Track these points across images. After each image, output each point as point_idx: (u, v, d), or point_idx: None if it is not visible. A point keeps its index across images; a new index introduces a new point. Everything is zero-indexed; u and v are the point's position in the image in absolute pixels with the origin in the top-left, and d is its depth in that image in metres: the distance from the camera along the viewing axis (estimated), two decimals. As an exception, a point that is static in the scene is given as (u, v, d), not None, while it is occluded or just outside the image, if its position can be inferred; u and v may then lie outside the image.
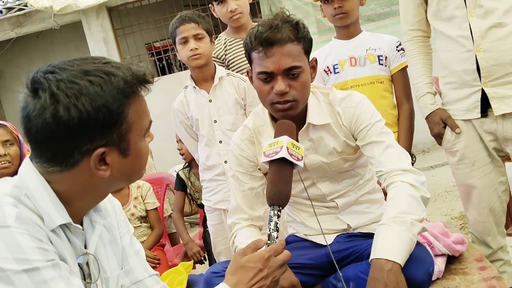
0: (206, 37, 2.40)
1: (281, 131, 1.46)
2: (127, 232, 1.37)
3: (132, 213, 3.05)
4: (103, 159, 1.08)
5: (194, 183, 3.27)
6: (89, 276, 1.19)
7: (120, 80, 1.06)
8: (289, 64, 1.55)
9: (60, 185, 1.10)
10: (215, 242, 2.62)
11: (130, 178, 1.19)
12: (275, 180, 1.37)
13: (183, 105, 2.53)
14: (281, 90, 1.56)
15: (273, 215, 1.32)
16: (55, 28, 7.60)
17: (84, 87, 1.03)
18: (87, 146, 1.05)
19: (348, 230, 1.79)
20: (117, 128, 1.07)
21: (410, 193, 1.52)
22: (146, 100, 1.16)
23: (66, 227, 1.12)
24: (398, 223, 1.45)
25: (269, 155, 1.40)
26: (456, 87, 2.10)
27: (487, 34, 1.95)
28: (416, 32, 2.25)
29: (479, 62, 1.98)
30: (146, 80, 1.12)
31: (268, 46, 1.54)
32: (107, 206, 1.30)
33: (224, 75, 2.49)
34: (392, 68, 2.43)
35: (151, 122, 1.17)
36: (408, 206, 1.49)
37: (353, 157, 1.73)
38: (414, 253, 1.46)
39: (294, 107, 1.61)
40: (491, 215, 2.16)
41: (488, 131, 2.07)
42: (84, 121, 1.02)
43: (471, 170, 2.14)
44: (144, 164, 1.20)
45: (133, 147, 1.12)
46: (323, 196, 1.77)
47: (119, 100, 1.06)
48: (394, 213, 1.48)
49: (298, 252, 1.75)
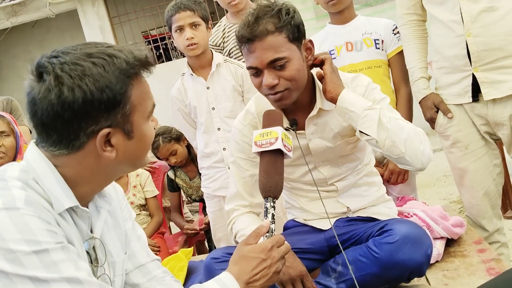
0: (202, 24, 2.39)
1: (271, 121, 1.45)
2: (130, 217, 1.39)
3: (131, 202, 3.06)
4: (109, 140, 1.10)
5: (185, 180, 3.28)
6: (96, 260, 1.20)
7: (122, 62, 1.08)
8: (271, 57, 1.54)
9: (67, 168, 1.11)
10: (215, 229, 2.63)
11: (134, 162, 1.20)
12: (270, 171, 1.37)
13: (181, 92, 2.52)
14: (268, 84, 1.56)
15: (269, 207, 1.32)
16: (51, 17, 7.55)
17: (87, 68, 1.05)
18: (93, 127, 1.07)
19: (348, 213, 1.80)
20: (121, 108, 1.08)
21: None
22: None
23: (73, 211, 1.13)
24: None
25: (262, 145, 1.39)
26: (448, 72, 2.11)
27: (477, 18, 1.94)
28: (411, 16, 2.24)
29: (469, 47, 1.97)
30: (148, 62, 1.14)
31: (249, 42, 1.54)
32: (111, 192, 1.31)
33: (221, 61, 2.48)
34: (389, 52, 2.42)
35: (154, 106, 1.19)
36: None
37: (355, 138, 1.73)
38: (411, 235, 1.48)
39: (287, 96, 1.60)
40: (486, 198, 2.17)
41: (479, 115, 2.07)
42: (89, 102, 1.04)
43: (464, 153, 2.15)
44: (148, 149, 1.21)
45: (137, 129, 1.13)
46: (324, 180, 1.77)
47: (122, 80, 1.08)
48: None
49: (298, 237, 1.77)
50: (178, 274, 2.00)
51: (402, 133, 1.56)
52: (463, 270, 1.74)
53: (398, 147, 1.56)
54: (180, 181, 3.29)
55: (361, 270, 1.54)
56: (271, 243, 1.24)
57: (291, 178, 1.81)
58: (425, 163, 1.60)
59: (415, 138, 1.58)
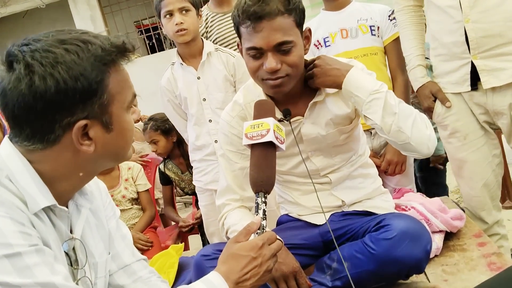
0: (192, 10, 2.31)
1: (262, 111, 1.38)
2: (113, 216, 1.32)
3: (123, 195, 2.99)
4: (86, 133, 1.03)
5: (177, 173, 3.21)
6: (76, 262, 1.14)
7: (97, 48, 1.02)
8: (279, 39, 1.46)
9: (43, 164, 1.04)
10: (208, 223, 2.57)
11: (116, 156, 1.13)
12: (262, 165, 1.29)
13: (171, 82, 2.44)
14: (271, 67, 1.48)
15: (260, 202, 1.24)
16: (41, 7, 7.43)
17: (60, 55, 0.98)
18: (68, 118, 1.00)
19: (343, 207, 1.73)
20: (97, 98, 1.02)
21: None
22: (132, 77, 1.11)
23: (51, 210, 1.06)
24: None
25: (253, 137, 1.31)
26: (446, 59, 2.04)
27: (476, 3, 1.87)
28: (408, 1, 2.17)
29: (467, 34, 1.90)
30: (126, 49, 1.07)
31: (257, 20, 1.45)
32: (93, 189, 1.24)
33: (212, 50, 2.40)
34: (385, 38, 2.34)
35: (135, 95, 1.12)
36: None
37: (349, 127, 1.67)
38: (410, 230, 1.41)
39: (287, 83, 1.54)
40: (485, 189, 2.11)
41: (478, 104, 2.01)
42: (62, 91, 0.98)
43: (463, 143, 2.09)
44: (129, 142, 1.14)
45: (116, 121, 1.07)
46: (316, 171, 1.71)
47: (98, 68, 1.01)
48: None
49: (292, 232, 1.71)
50: (168, 271, 1.93)
51: (409, 118, 1.51)
52: (463, 265, 1.68)
53: (404, 133, 1.50)
54: (171, 174, 3.23)
55: (357, 267, 1.47)
56: (261, 241, 1.17)
57: (282, 171, 1.74)
58: (431, 148, 1.54)
59: (421, 123, 1.53)
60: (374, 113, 1.52)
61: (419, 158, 1.60)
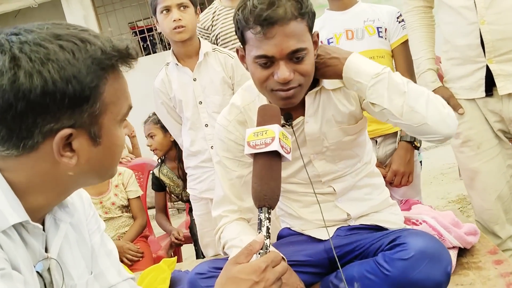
0: (191, 7, 2.18)
1: (266, 117, 1.22)
2: (97, 229, 1.18)
3: (112, 202, 2.84)
4: (69, 144, 0.90)
5: (172, 178, 3.06)
6: (51, 284, 1.00)
7: (97, 50, 0.89)
8: (293, 46, 1.32)
9: (16, 173, 0.90)
10: (202, 233, 2.43)
11: (98, 174, 0.99)
12: (266, 177, 1.14)
13: (165, 84, 2.30)
14: (285, 78, 1.34)
15: (264, 219, 1.10)
16: (33, 6, 7.29)
17: (52, 52, 0.85)
18: (51, 125, 0.87)
19: (349, 221, 1.60)
20: (89, 106, 0.89)
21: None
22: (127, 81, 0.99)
23: (22, 226, 0.92)
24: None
25: (256, 146, 1.17)
26: (459, 63, 1.93)
27: (492, 4, 1.76)
28: (418, 2, 2.07)
29: (483, 36, 1.80)
30: (129, 54, 0.94)
31: (268, 25, 1.30)
32: (75, 200, 1.11)
33: (209, 50, 2.26)
34: (392, 41, 2.22)
35: (130, 108, 0.99)
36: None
37: (354, 128, 1.55)
38: (429, 250, 1.28)
39: (298, 94, 1.40)
40: (499, 202, 2.00)
41: (493, 111, 1.90)
42: (49, 93, 0.84)
43: (476, 153, 1.97)
44: (117, 159, 1.01)
45: (106, 134, 0.94)
46: (318, 177, 1.57)
47: (94, 72, 0.88)
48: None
49: (294, 247, 1.57)
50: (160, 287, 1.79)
51: (421, 96, 1.37)
52: (480, 285, 1.54)
53: (418, 112, 1.35)
54: (166, 178, 3.08)
55: None
56: (265, 263, 1.02)
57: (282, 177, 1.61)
58: (452, 127, 1.38)
59: (437, 101, 1.38)
60: (380, 97, 1.38)
61: (440, 143, 1.43)
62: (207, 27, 2.58)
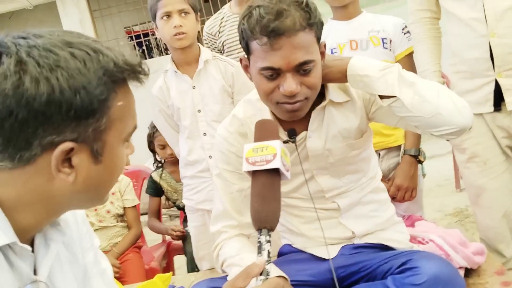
0: (192, 13, 2.12)
1: (266, 133, 1.17)
2: (91, 247, 1.11)
3: (107, 210, 2.75)
4: (69, 159, 0.83)
5: (170, 183, 2.99)
6: None
7: (109, 61, 0.84)
8: (301, 58, 1.27)
9: (6, 188, 0.83)
10: (197, 246, 2.35)
11: (93, 196, 0.93)
12: (266, 196, 1.07)
13: (163, 91, 2.24)
14: (291, 91, 1.28)
15: (264, 242, 1.02)
16: (28, 8, 7.20)
17: (63, 59, 0.80)
18: (53, 136, 0.80)
19: (353, 239, 1.54)
20: (95, 120, 0.83)
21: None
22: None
23: (9, 247, 0.84)
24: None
25: (256, 163, 1.09)
26: (466, 76, 1.88)
27: (503, 16, 1.71)
28: (425, 13, 2.02)
29: (492, 49, 1.75)
30: (142, 70, 0.89)
31: (275, 36, 1.24)
32: (67, 217, 1.03)
33: (210, 58, 2.20)
34: (397, 53, 2.17)
35: (135, 128, 0.93)
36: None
37: (360, 142, 1.49)
38: (442, 275, 1.22)
39: (304, 107, 1.35)
40: (504, 220, 1.95)
41: (501, 127, 1.85)
42: (55, 102, 0.78)
43: (483, 169, 1.92)
44: (114, 181, 0.95)
45: (108, 152, 0.87)
46: (321, 193, 1.52)
47: (105, 84, 0.83)
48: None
49: (296, 266, 1.50)
50: (153, 304, 1.71)
51: (432, 87, 1.32)
52: (488, 308, 1.49)
53: (430, 102, 1.29)
54: (164, 184, 3.01)
55: None
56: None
57: (283, 192, 1.54)
58: (468, 118, 1.31)
59: (448, 91, 1.34)
60: (390, 87, 1.31)
61: (456, 136, 1.35)
62: (214, 33, 2.53)
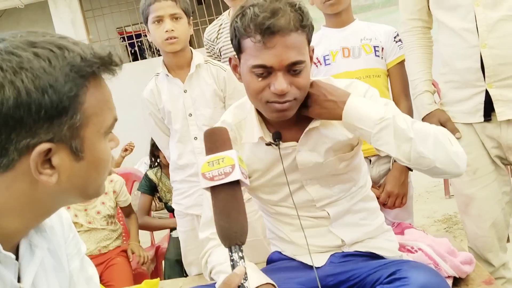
0: (184, 18, 2.11)
1: (218, 143, 1.09)
2: (77, 254, 1.09)
3: (98, 211, 2.71)
4: (49, 160, 0.82)
5: (165, 183, 2.98)
6: None
7: (76, 56, 0.82)
8: (293, 58, 1.29)
9: None
10: (186, 251, 2.33)
11: (84, 192, 0.91)
12: (233, 211, 1.01)
13: (154, 94, 2.22)
14: (282, 89, 1.29)
15: (237, 259, 0.98)
16: (20, 7, 7.14)
17: (26, 60, 0.78)
18: (27, 140, 0.79)
19: (342, 247, 1.53)
20: (68, 118, 0.81)
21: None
22: (111, 84, 0.91)
23: None
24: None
25: (214, 177, 1.02)
26: (457, 86, 1.89)
27: (494, 28, 1.72)
28: (416, 22, 2.03)
29: (483, 60, 1.76)
30: (112, 61, 0.86)
31: (269, 35, 1.26)
32: (53, 222, 1.01)
33: (202, 62, 2.19)
34: (389, 61, 2.18)
35: (115, 120, 0.91)
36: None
37: (349, 155, 1.49)
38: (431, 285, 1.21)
39: (293, 107, 1.36)
40: (493, 229, 1.96)
41: (491, 137, 1.86)
42: (23, 104, 0.77)
43: (472, 178, 1.93)
44: (103, 175, 0.93)
45: (89, 148, 0.85)
46: (312, 202, 1.51)
47: (73, 80, 0.81)
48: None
49: (286, 274, 1.49)
50: (141, 310, 1.70)
51: (429, 138, 1.32)
52: (476, 317, 1.49)
53: (427, 157, 1.31)
54: (160, 183, 3.00)
55: None
56: None
57: (273, 201, 1.55)
58: (461, 166, 1.35)
59: (444, 140, 1.34)
60: (387, 144, 1.34)
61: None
62: (212, 39, 2.54)
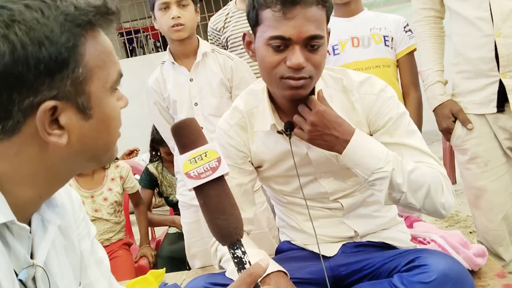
0: (191, 5, 2.08)
1: (193, 136, 0.94)
2: (87, 235, 1.04)
3: (105, 197, 2.65)
4: (56, 120, 0.77)
5: (166, 176, 2.93)
6: None
7: (69, 5, 0.76)
8: (312, 31, 1.24)
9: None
10: (190, 243, 2.29)
11: (95, 154, 0.85)
12: (227, 207, 0.92)
13: (159, 83, 2.18)
14: (299, 63, 1.24)
15: (241, 254, 0.90)
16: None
17: (17, 12, 0.72)
18: (30, 98, 0.73)
19: (355, 238, 1.50)
20: (69, 71, 0.75)
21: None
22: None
23: (6, 227, 0.78)
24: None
25: (200, 174, 0.90)
26: (470, 76, 1.85)
27: (509, 16, 1.69)
28: (428, 12, 1.99)
29: (498, 49, 1.73)
30: (108, 9, 0.81)
31: (290, 5, 1.22)
32: (64, 200, 0.96)
33: (208, 50, 2.15)
34: (398, 51, 2.15)
35: (121, 75, 0.85)
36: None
37: None
38: (452, 273, 1.18)
39: (307, 86, 1.30)
40: (504, 222, 1.92)
41: (504, 128, 1.83)
42: (20, 59, 0.71)
43: (483, 171, 1.89)
44: (115, 134, 0.87)
45: (97, 104, 0.80)
46: (325, 195, 1.47)
47: (69, 30, 0.75)
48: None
49: (296, 264, 1.45)
50: (146, 301, 1.65)
51: (421, 190, 1.30)
52: (491, 310, 1.46)
53: (414, 206, 1.33)
54: (160, 176, 2.96)
55: None
56: None
57: (285, 191, 1.51)
58: (446, 214, 1.36)
59: (436, 191, 1.32)
60: (379, 192, 1.33)
61: None
62: (219, 29, 2.51)
